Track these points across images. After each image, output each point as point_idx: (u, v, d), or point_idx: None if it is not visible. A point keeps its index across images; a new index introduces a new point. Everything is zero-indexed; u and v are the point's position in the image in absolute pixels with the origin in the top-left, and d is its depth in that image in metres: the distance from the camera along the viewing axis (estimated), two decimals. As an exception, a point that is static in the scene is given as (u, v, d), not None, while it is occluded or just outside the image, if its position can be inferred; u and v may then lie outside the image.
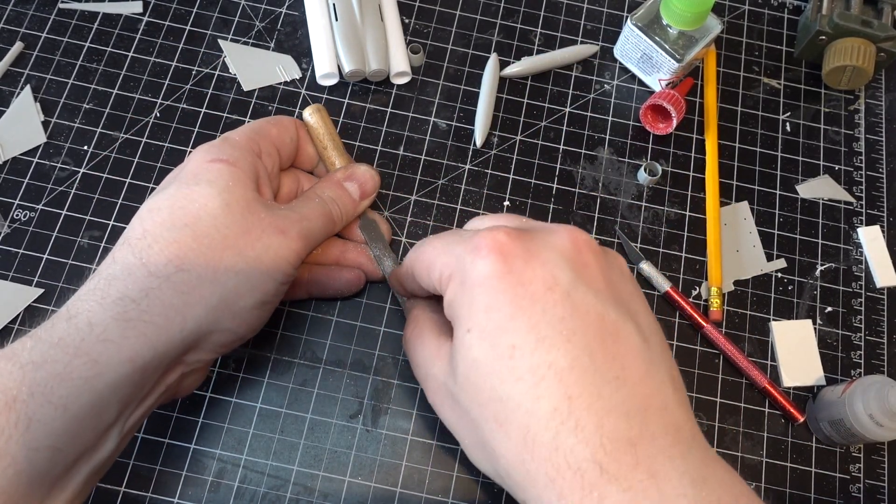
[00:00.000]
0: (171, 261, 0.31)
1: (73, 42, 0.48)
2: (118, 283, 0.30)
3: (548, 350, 0.26)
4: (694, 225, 0.46)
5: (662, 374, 0.27)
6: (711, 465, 0.26)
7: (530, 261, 0.28)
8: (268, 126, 0.39)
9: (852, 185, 0.48)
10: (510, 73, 0.49)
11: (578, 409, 0.25)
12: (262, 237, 0.33)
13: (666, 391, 0.27)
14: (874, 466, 0.41)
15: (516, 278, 0.27)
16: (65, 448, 0.28)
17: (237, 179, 0.34)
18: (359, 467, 0.39)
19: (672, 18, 0.45)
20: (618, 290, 0.29)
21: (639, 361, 0.27)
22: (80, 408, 0.28)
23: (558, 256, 0.28)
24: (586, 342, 0.26)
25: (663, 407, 0.26)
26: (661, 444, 0.25)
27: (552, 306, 0.27)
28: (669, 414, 0.26)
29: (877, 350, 0.44)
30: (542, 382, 0.26)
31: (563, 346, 0.26)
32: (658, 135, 0.48)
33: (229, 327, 0.33)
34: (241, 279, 0.32)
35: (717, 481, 0.25)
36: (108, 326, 0.29)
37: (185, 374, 0.34)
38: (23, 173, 0.44)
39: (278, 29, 0.50)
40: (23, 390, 0.27)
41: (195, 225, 0.32)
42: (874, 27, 0.47)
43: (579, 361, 0.26)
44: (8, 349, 0.29)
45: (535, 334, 0.26)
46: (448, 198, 0.46)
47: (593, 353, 0.26)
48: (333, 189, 0.39)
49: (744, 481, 0.27)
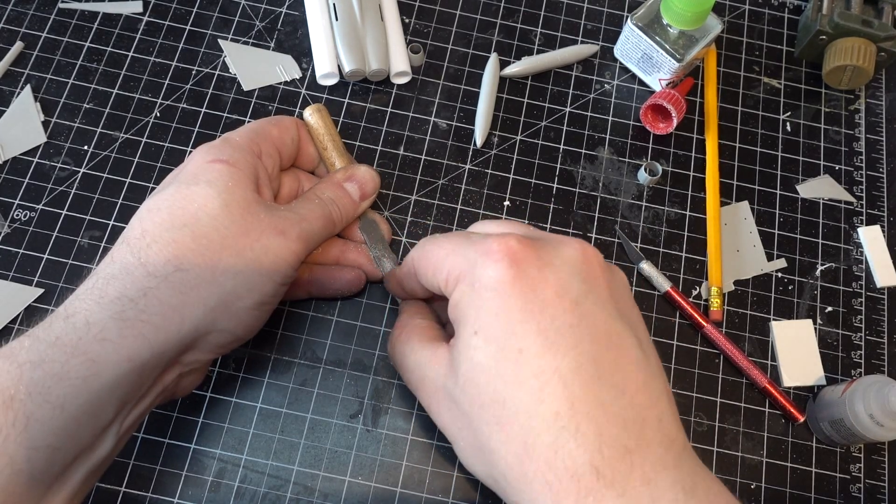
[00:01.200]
0: (170, 260, 0.31)
1: (73, 42, 0.48)
2: (116, 283, 0.30)
3: (554, 355, 0.27)
4: (694, 225, 0.46)
5: (659, 386, 0.28)
6: (701, 475, 0.27)
7: (542, 268, 0.28)
8: (268, 126, 0.39)
9: (852, 185, 0.48)
10: (510, 73, 0.49)
11: (580, 415, 0.26)
12: (262, 238, 0.33)
13: (662, 403, 0.28)
14: (874, 466, 0.41)
15: (528, 284, 0.28)
16: (62, 447, 0.28)
17: (237, 180, 0.34)
18: (359, 467, 0.39)
19: (672, 18, 0.45)
20: (621, 304, 0.30)
21: (639, 373, 0.28)
22: (78, 407, 0.28)
23: (569, 266, 0.29)
24: (592, 350, 0.27)
25: (659, 418, 0.27)
26: (656, 453, 0.26)
27: (561, 313, 0.27)
28: (664, 425, 0.27)
29: (877, 350, 0.44)
30: (546, 387, 0.26)
31: (570, 353, 0.27)
32: (658, 134, 0.48)
33: (227, 328, 0.33)
34: (239, 280, 0.32)
35: (706, 490, 0.26)
36: (106, 326, 0.29)
37: (184, 374, 0.34)
38: (23, 173, 0.44)
39: (278, 29, 0.50)
40: (21, 389, 0.27)
41: (194, 225, 0.32)
42: (874, 27, 0.47)
43: (584, 369, 0.27)
44: (6, 348, 0.28)
45: (543, 339, 0.27)
46: (448, 198, 0.46)
47: (598, 362, 0.27)
48: (333, 190, 0.39)
49: (731, 493, 0.28)
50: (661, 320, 0.44)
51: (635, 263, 0.45)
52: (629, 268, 0.45)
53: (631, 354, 0.28)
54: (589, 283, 0.29)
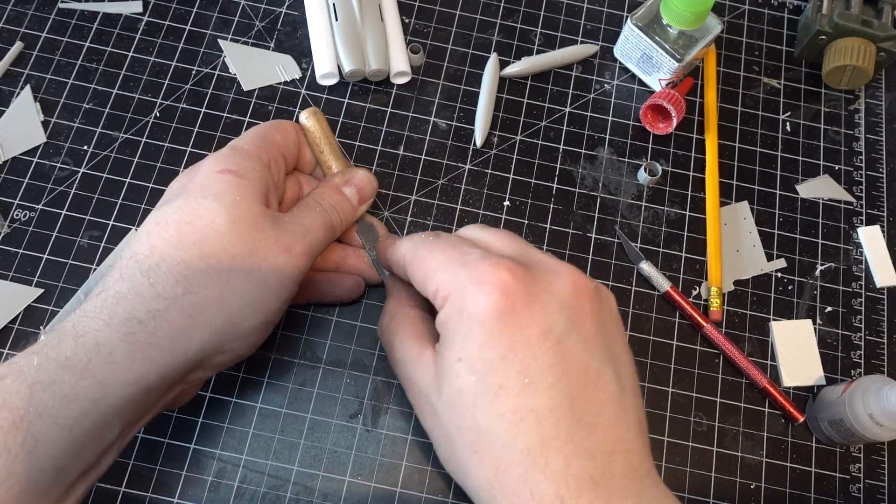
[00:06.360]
0: (179, 282, 0.31)
1: (72, 42, 0.48)
2: (126, 303, 0.30)
3: (531, 395, 0.28)
4: (694, 225, 0.46)
5: (631, 420, 0.29)
6: (662, 498, 0.29)
7: (531, 304, 0.29)
8: (272, 132, 0.39)
9: (852, 185, 0.48)
10: (510, 73, 0.49)
11: (550, 451, 0.27)
12: (269, 257, 0.33)
13: (632, 435, 0.29)
14: (874, 466, 0.41)
15: (515, 321, 0.28)
16: (68, 468, 0.28)
17: (245, 192, 0.34)
18: (359, 467, 0.39)
19: (672, 18, 0.45)
20: (606, 335, 0.30)
21: (612, 409, 0.29)
22: (85, 429, 0.28)
23: (557, 303, 0.29)
24: (568, 390, 0.28)
25: (627, 450, 0.28)
26: (620, 482, 0.28)
27: (543, 353, 0.28)
28: (631, 457, 0.28)
29: (877, 350, 0.44)
30: (521, 423, 0.28)
31: (547, 393, 0.28)
32: (658, 135, 0.48)
33: (232, 347, 0.33)
34: (246, 301, 0.32)
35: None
36: (116, 348, 0.29)
37: (184, 389, 0.34)
38: (23, 173, 0.44)
39: (278, 29, 0.50)
40: (30, 410, 0.27)
41: (202, 243, 0.32)
42: (874, 27, 0.47)
43: (559, 407, 0.28)
44: (14, 366, 0.28)
45: (523, 378, 0.28)
46: (448, 198, 0.46)
47: (573, 400, 0.28)
48: (333, 195, 0.39)
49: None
50: (660, 320, 0.44)
51: (635, 263, 0.45)
52: (629, 268, 0.45)
53: (607, 390, 0.29)
54: (574, 320, 0.29)
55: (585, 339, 0.29)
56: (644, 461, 0.29)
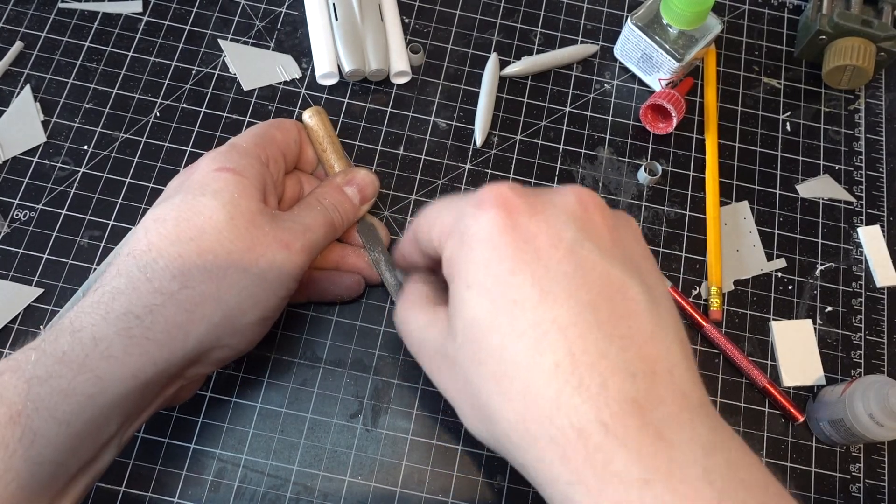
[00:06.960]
0: (176, 277, 0.31)
1: (72, 42, 0.48)
2: (123, 298, 0.30)
3: (551, 305, 0.25)
4: (694, 225, 0.46)
5: (670, 335, 0.26)
6: (720, 432, 0.25)
7: (534, 216, 0.26)
8: (272, 131, 0.39)
9: (852, 185, 0.48)
10: (510, 73, 0.49)
11: (582, 367, 0.24)
12: (267, 253, 0.33)
13: (674, 354, 0.25)
14: (874, 466, 0.41)
15: (520, 233, 0.26)
16: (66, 462, 0.28)
17: (242, 190, 0.33)
18: (359, 467, 0.39)
19: (672, 18, 0.45)
20: (626, 250, 0.28)
21: (645, 321, 0.25)
22: (83, 423, 0.28)
23: (563, 214, 0.27)
24: (591, 299, 0.25)
25: (670, 370, 0.25)
26: (669, 408, 0.24)
27: (556, 262, 0.26)
28: (677, 377, 0.25)
29: (877, 350, 0.44)
30: (544, 338, 0.25)
31: (567, 302, 0.25)
32: (658, 134, 0.48)
33: (230, 343, 0.33)
34: (244, 296, 0.32)
35: (727, 449, 0.24)
36: (112, 342, 0.29)
37: (184, 385, 0.34)
38: (23, 173, 0.44)
39: (278, 28, 0.50)
40: (28, 405, 0.27)
41: (200, 239, 0.31)
42: (874, 27, 0.47)
43: (583, 318, 0.25)
44: (12, 361, 0.28)
45: (538, 289, 0.25)
46: (448, 197, 0.46)
47: (598, 311, 0.25)
48: (335, 195, 0.39)
49: (751, 450, 0.26)
50: (660, 320, 0.44)
51: (635, 263, 0.45)
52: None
53: (637, 302, 0.26)
54: (584, 229, 0.27)
55: (602, 248, 0.26)
56: (694, 386, 0.25)
